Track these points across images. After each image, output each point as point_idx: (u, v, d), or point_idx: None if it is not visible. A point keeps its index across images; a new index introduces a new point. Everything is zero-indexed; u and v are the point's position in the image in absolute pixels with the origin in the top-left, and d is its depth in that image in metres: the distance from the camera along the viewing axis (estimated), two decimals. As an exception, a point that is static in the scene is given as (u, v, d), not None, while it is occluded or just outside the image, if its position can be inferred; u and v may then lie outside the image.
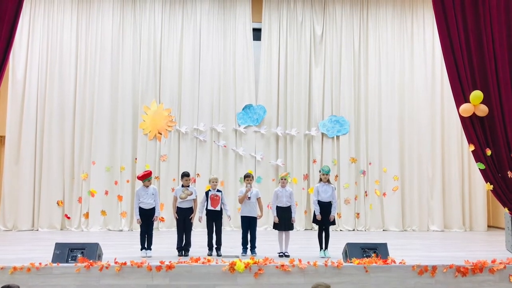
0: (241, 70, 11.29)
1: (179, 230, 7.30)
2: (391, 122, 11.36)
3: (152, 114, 10.99)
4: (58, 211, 10.61)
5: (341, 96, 11.39)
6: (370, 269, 5.97)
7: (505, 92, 7.29)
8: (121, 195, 10.72)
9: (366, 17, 11.64)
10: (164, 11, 11.26)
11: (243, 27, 11.40)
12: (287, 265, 5.95)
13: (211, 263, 6.03)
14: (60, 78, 10.87)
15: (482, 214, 11.29)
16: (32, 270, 5.74)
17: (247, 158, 11.11)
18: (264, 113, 11.20)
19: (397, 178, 11.21)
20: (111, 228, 10.62)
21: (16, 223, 10.41)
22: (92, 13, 11.10)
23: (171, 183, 10.76)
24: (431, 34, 11.51)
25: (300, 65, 11.39)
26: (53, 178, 10.60)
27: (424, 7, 11.60)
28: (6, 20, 6.91)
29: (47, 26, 11.00)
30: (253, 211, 7.37)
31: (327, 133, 11.27)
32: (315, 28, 11.57)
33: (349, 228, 11.01)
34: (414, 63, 11.57)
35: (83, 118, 10.85)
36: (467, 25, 7.38)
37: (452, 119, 11.21)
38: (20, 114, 10.67)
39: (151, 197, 7.28)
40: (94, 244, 6.36)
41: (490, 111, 7.24)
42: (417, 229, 11.10)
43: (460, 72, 7.33)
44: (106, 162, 10.77)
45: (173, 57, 11.18)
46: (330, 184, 7.40)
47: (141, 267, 5.85)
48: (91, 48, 11.03)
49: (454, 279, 5.98)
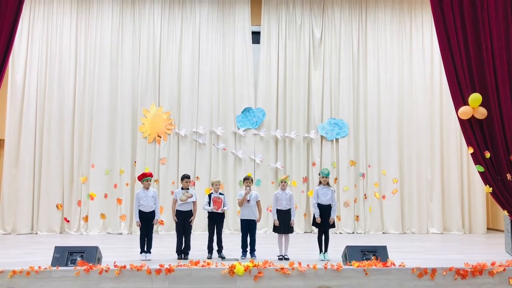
0: (240, 73, 11.31)
1: (178, 233, 7.29)
2: (390, 124, 11.37)
3: (152, 117, 10.99)
4: (57, 215, 10.60)
5: (340, 99, 11.41)
6: (369, 271, 5.97)
7: (503, 95, 7.31)
8: (120, 198, 10.71)
9: (365, 20, 11.67)
10: (163, 14, 11.29)
11: (242, 30, 11.42)
12: (286, 268, 5.95)
13: (210, 266, 6.03)
14: (59, 81, 10.87)
15: (481, 217, 11.29)
16: (32, 274, 5.73)
17: (246, 161, 11.11)
18: (264, 116, 11.21)
19: (396, 181, 11.22)
20: (111, 231, 10.61)
21: (15, 226, 10.39)
22: (91, 16, 11.12)
23: (170, 186, 10.76)
24: (429, 37, 11.54)
25: (299, 68, 11.41)
26: (52, 181, 10.59)
27: (422, 10, 11.64)
28: (5, 23, 6.93)
29: (47, 29, 11.02)
30: (252, 214, 7.36)
31: (326, 136, 11.28)
32: (314, 31, 11.59)
33: (348, 231, 11.01)
34: (413, 66, 11.59)
35: (82, 121, 10.85)
36: (466, 28, 7.41)
37: (451, 122, 11.22)
38: (19, 117, 10.68)
39: (151, 199, 7.28)
40: (93, 248, 6.35)
41: (489, 114, 7.26)
42: (417, 232, 11.10)
43: (459, 74, 7.35)
44: (106, 165, 10.77)
45: (172, 60, 11.19)
46: (330, 186, 7.40)
47: (141, 270, 5.84)
48: (91, 51, 11.04)
49: (453, 281, 5.98)
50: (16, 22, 7.12)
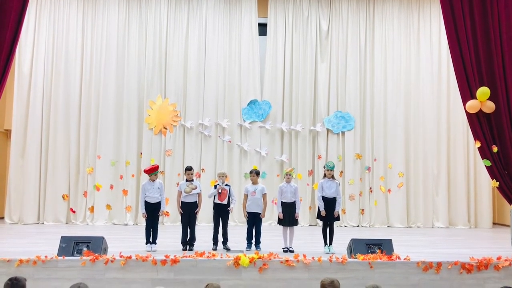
0: (246, 65, 11.27)
1: (183, 224, 7.32)
2: (397, 118, 11.31)
3: (158, 109, 11.00)
4: (63, 205, 10.66)
5: (347, 92, 11.36)
6: (374, 265, 5.98)
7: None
8: (126, 189, 10.75)
9: (372, 12, 11.58)
10: (169, 6, 11.25)
11: (249, 22, 11.36)
12: (291, 260, 5.97)
13: (216, 258, 6.06)
14: (65, 73, 10.89)
15: (487, 211, 11.24)
16: (38, 263, 5.79)
17: (251, 154, 11.10)
18: (269, 109, 11.18)
19: (402, 175, 11.18)
20: (116, 222, 10.66)
21: (21, 216, 10.47)
22: (98, 8, 11.10)
23: (176, 178, 10.77)
24: (437, 29, 11.43)
25: (306, 61, 11.35)
26: (59, 172, 10.65)
27: (430, 2, 11.52)
28: (12, 14, 6.94)
29: (53, 21, 11.01)
30: (258, 206, 7.37)
31: (332, 129, 11.24)
32: (321, 23, 11.52)
33: (353, 224, 11.00)
34: (420, 59, 11.50)
35: (88, 113, 10.88)
36: (474, 20, 7.33)
37: (458, 115, 11.14)
38: (26, 109, 10.71)
39: (157, 191, 7.29)
40: (99, 238, 6.39)
41: (497, 108, 7.21)
42: (422, 226, 11.07)
43: (467, 68, 7.29)
44: (112, 156, 10.80)
45: (178, 52, 11.17)
46: (335, 180, 7.39)
47: (146, 261, 5.88)
48: (97, 43, 11.03)
49: (459, 275, 5.98)
50: (22, 14, 7.13)
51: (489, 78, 7.29)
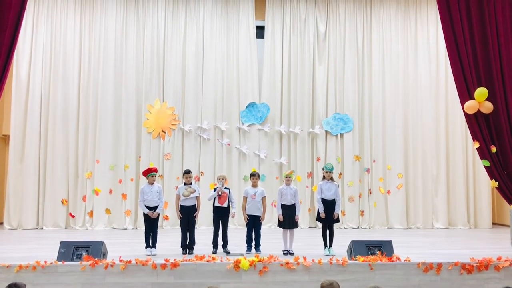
0: (244, 68, 11.28)
1: (183, 228, 7.31)
2: (395, 119, 11.32)
3: (156, 112, 11.00)
4: (62, 210, 10.63)
5: (345, 94, 11.37)
6: (375, 266, 5.97)
7: (510, 89, 7.28)
8: (125, 193, 10.73)
9: (370, 14, 11.60)
10: (167, 10, 11.26)
11: (247, 25, 11.37)
12: (291, 263, 5.96)
13: (216, 261, 6.04)
14: (64, 77, 10.88)
15: (487, 212, 11.25)
16: (38, 269, 5.76)
17: (250, 156, 11.10)
18: (268, 111, 11.19)
19: (401, 176, 11.18)
20: (116, 226, 10.64)
21: (21, 221, 10.43)
22: (95, 12, 11.10)
23: (175, 181, 10.76)
24: (435, 31, 11.47)
25: (304, 63, 11.36)
26: (58, 176, 10.62)
27: (428, 4, 11.56)
28: (10, 18, 6.93)
29: (51, 25, 11.00)
30: (258, 209, 7.36)
31: (331, 131, 11.25)
32: (318, 26, 11.54)
33: (353, 226, 11.00)
34: (418, 61, 11.53)
35: (87, 117, 10.87)
36: (472, 21, 7.36)
37: (456, 116, 11.17)
38: (24, 114, 10.69)
39: (156, 195, 7.29)
40: (99, 243, 6.37)
41: (495, 108, 7.23)
42: (422, 227, 11.07)
43: (465, 68, 7.31)
44: (110, 160, 10.78)
45: (176, 56, 11.17)
46: (334, 181, 7.39)
47: (146, 265, 5.87)
48: (95, 46, 11.03)
49: (459, 276, 5.97)
50: (20, 18, 7.12)
51: (487, 78, 7.31)
